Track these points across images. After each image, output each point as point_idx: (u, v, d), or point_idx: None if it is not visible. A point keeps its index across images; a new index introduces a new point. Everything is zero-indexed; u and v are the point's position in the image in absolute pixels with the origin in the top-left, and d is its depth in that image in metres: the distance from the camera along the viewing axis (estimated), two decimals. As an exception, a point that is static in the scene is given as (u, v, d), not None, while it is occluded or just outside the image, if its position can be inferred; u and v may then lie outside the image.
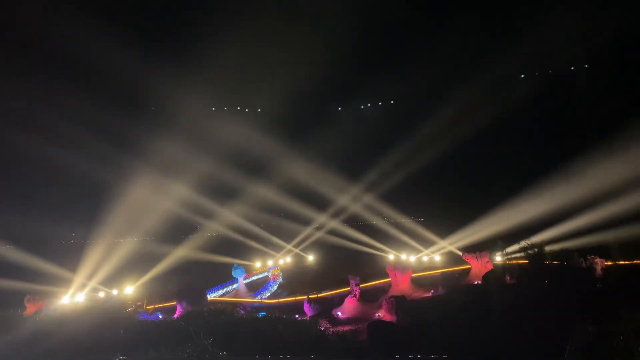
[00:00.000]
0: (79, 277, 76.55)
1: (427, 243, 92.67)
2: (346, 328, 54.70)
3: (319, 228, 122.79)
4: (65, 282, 74.64)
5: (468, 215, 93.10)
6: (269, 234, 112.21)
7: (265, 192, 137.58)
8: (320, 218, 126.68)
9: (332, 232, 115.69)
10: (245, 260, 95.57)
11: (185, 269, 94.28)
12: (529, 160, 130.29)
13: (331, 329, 53.85)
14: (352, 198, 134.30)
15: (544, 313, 41.22)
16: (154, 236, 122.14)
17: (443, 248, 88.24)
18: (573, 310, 40.32)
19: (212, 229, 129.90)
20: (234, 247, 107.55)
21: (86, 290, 74.66)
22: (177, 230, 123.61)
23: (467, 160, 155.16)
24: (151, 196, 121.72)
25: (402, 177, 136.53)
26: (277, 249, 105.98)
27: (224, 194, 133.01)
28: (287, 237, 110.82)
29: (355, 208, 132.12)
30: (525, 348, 36.21)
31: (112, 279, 79.85)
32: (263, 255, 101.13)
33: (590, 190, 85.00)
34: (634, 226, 69.64)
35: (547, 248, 62.40)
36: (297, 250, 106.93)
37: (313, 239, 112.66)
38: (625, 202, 78.14)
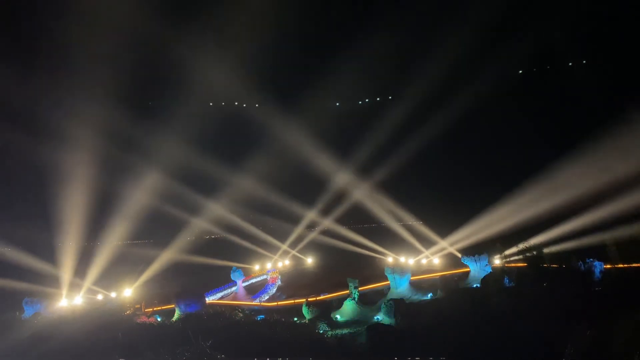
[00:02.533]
0: (76, 280, 76.48)
1: (426, 244, 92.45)
2: (345, 331, 54.69)
3: (317, 230, 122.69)
4: (64, 285, 74.52)
5: (467, 215, 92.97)
6: (267, 235, 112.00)
7: (264, 194, 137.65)
8: (319, 220, 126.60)
9: (331, 234, 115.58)
10: (244, 263, 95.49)
11: (184, 271, 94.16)
12: (527, 160, 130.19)
13: (330, 332, 53.83)
14: (350, 200, 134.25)
15: (543, 316, 41.24)
16: (152, 239, 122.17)
17: (443, 249, 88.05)
18: (571, 313, 40.37)
19: (211, 231, 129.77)
20: (233, 249, 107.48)
21: (82, 292, 74.49)
22: (176, 233, 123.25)
23: (465, 161, 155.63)
24: (150, 199, 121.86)
25: (400, 179, 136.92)
26: (275, 250, 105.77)
27: (223, 196, 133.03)
28: (285, 239, 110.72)
29: (354, 210, 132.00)
30: (524, 350, 36.23)
31: (111, 282, 79.71)
32: (262, 257, 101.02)
33: (588, 192, 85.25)
34: (632, 226, 69.86)
35: (546, 250, 62.45)
36: (293, 252, 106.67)
37: (309, 240, 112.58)
38: (624, 203, 78.16)
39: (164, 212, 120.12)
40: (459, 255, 76.85)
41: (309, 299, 64.65)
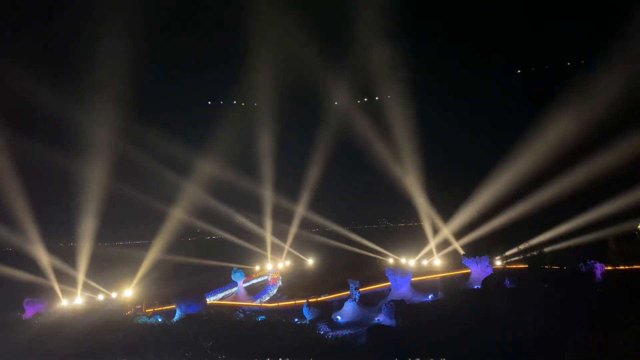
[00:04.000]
0: (77, 280, 76.50)
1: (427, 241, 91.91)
2: (345, 332, 54.69)
3: (318, 231, 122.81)
4: (65, 284, 74.57)
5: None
6: (268, 234, 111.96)
7: (265, 194, 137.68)
8: (320, 220, 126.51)
9: (332, 235, 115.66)
10: (245, 264, 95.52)
11: (184, 272, 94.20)
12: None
13: (330, 333, 53.83)
14: (351, 200, 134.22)
15: (544, 317, 41.20)
16: (153, 239, 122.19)
17: (446, 243, 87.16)
18: (572, 315, 40.35)
19: (212, 232, 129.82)
20: (233, 250, 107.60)
21: (79, 291, 74.50)
22: (177, 234, 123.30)
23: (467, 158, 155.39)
24: (151, 198, 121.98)
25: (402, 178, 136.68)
26: (276, 250, 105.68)
27: (225, 196, 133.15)
28: (286, 238, 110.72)
29: (355, 210, 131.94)
30: (524, 352, 36.18)
31: (111, 282, 79.73)
32: (262, 258, 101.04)
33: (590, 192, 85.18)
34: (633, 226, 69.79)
35: (547, 252, 62.44)
36: (288, 248, 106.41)
37: (305, 237, 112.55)
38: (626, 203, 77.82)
39: (165, 212, 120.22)
40: (462, 252, 76.82)
41: (309, 300, 64.70)
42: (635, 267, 61.44)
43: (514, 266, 67.38)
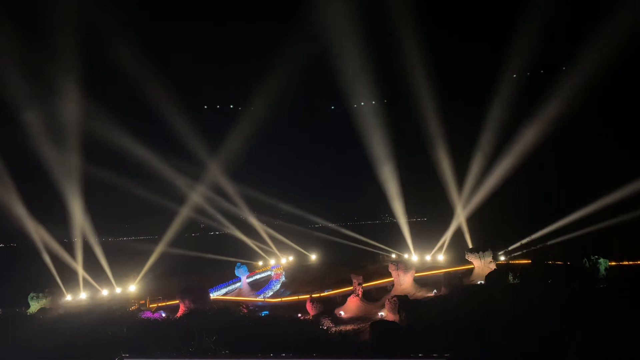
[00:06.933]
0: (80, 275, 76.92)
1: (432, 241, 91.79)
2: (349, 327, 54.82)
3: (321, 227, 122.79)
4: (69, 281, 74.96)
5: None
6: (273, 231, 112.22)
7: (266, 193, 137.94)
8: (322, 219, 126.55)
9: (335, 232, 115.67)
10: (248, 259, 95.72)
11: (188, 267, 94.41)
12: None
13: (333, 328, 53.97)
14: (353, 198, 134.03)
15: (547, 313, 41.12)
16: (157, 235, 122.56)
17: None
18: (575, 311, 40.25)
19: (215, 227, 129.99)
20: (237, 245, 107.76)
21: (82, 286, 74.85)
22: (180, 229, 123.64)
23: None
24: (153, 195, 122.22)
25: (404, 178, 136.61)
26: (279, 246, 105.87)
27: (226, 195, 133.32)
28: (289, 235, 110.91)
29: (357, 208, 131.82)
30: (527, 347, 36.14)
31: (115, 277, 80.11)
32: (266, 253, 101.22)
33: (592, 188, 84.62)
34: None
35: (550, 247, 62.29)
36: (291, 244, 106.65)
37: (316, 237, 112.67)
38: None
39: (169, 208, 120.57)
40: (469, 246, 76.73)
41: (312, 295, 64.88)
42: (639, 262, 61.26)
43: (517, 262, 67.29)
